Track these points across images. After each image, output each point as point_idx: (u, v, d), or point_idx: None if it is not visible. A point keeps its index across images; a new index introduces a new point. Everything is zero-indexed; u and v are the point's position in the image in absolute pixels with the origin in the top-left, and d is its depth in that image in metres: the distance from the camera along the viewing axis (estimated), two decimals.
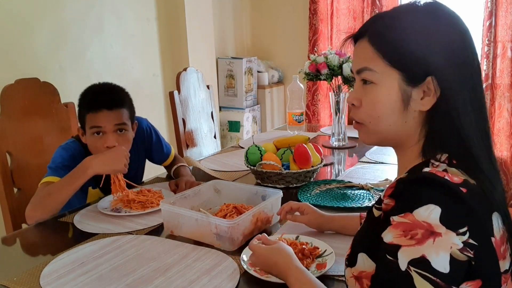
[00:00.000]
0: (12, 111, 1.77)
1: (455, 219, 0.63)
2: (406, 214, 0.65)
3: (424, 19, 0.72)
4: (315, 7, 3.57)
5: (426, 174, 0.68)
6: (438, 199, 0.64)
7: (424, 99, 0.72)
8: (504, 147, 3.08)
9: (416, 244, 0.63)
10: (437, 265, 0.62)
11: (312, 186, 1.55)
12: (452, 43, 0.71)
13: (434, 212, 0.63)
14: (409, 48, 0.71)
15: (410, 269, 0.63)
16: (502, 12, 2.92)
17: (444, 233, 0.62)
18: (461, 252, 0.63)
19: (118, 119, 1.46)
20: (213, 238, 1.15)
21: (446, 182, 0.66)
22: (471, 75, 0.72)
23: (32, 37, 2.29)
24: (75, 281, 1.01)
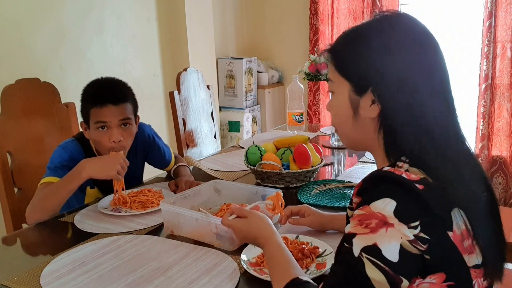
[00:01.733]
0: (13, 111, 1.77)
1: (408, 213, 0.68)
2: (364, 207, 0.71)
3: (374, 33, 0.79)
4: (315, 7, 3.57)
5: (385, 171, 0.73)
6: (393, 193, 0.69)
7: (371, 107, 0.78)
8: (504, 147, 3.08)
9: (370, 232, 0.68)
10: (387, 253, 0.66)
11: (312, 186, 1.56)
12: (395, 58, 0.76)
13: (389, 205, 0.68)
14: (354, 60, 0.79)
15: (362, 255, 0.68)
16: (502, 12, 2.92)
17: (396, 224, 0.67)
18: (411, 244, 0.67)
19: (122, 114, 1.46)
20: (213, 238, 1.15)
21: (402, 179, 0.70)
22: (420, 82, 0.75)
23: (33, 37, 2.29)
24: (75, 280, 1.01)
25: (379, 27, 0.80)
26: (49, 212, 1.38)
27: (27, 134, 1.81)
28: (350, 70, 0.80)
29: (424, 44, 0.78)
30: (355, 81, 0.80)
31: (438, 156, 0.73)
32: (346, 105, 0.82)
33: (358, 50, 0.79)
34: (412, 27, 0.79)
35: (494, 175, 3.13)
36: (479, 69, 3.03)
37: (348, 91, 0.81)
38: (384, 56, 0.76)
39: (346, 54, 0.81)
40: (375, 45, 0.77)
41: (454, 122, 0.78)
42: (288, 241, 1.11)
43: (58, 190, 1.38)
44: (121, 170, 1.37)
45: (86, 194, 1.56)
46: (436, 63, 0.78)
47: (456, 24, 3.23)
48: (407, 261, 0.67)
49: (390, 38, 0.77)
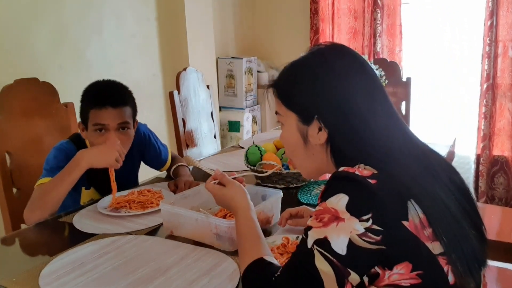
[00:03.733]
0: (12, 111, 1.77)
1: (360, 206, 0.72)
2: (321, 203, 0.76)
3: (311, 66, 0.87)
4: (316, 7, 3.56)
5: (340, 172, 0.79)
6: (346, 188, 0.74)
7: (319, 134, 0.85)
8: (505, 146, 3.07)
9: (322, 226, 0.74)
10: (336, 246, 0.71)
11: (312, 186, 1.55)
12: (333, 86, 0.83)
13: (342, 200, 0.73)
14: (297, 93, 0.87)
15: (314, 247, 0.73)
16: (503, 11, 2.91)
17: (347, 219, 0.72)
18: (361, 238, 0.71)
19: (121, 117, 1.45)
20: (213, 238, 1.14)
21: (354, 175, 0.75)
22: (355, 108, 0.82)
23: (32, 37, 2.29)
24: (75, 281, 1.00)
25: (315, 59, 0.87)
26: (49, 209, 1.37)
27: (26, 134, 1.80)
28: (294, 102, 0.87)
29: (357, 68, 0.86)
30: (300, 112, 0.86)
31: (386, 159, 0.78)
32: (296, 135, 0.88)
33: (299, 83, 0.86)
34: (343, 55, 0.88)
35: (495, 175, 3.12)
36: (480, 69, 3.03)
37: (296, 122, 0.87)
38: (324, 85, 0.83)
39: (289, 88, 0.88)
40: (314, 76, 0.84)
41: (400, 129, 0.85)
42: (288, 241, 1.10)
43: (57, 184, 1.36)
44: (119, 157, 1.37)
45: (81, 195, 1.56)
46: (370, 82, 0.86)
47: (457, 23, 3.22)
48: (355, 255, 0.71)
49: (326, 68, 0.84)
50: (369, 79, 0.86)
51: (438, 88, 3.27)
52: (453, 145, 2.06)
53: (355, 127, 0.82)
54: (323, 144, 0.85)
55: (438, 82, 3.26)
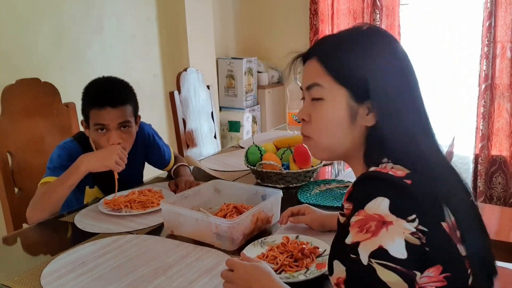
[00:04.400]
0: (13, 111, 1.77)
1: (403, 207, 0.67)
2: (359, 212, 0.69)
3: (367, 41, 0.79)
4: (315, 7, 3.57)
5: (371, 172, 0.74)
6: (384, 191, 0.69)
7: (369, 115, 0.78)
8: (504, 146, 3.08)
9: (372, 236, 0.67)
10: (394, 252, 0.65)
11: (312, 186, 1.56)
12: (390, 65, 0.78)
13: (383, 203, 0.67)
14: (355, 67, 0.77)
15: (371, 262, 0.66)
16: (502, 12, 2.92)
17: (395, 220, 0.66)
18: (414, 236, 0.66)
19: (121, 117, 1.45)
20: (213, 237, 1.15)
21: (389, 176, 0.71)
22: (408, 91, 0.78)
23: (33, 37, 2.29)
24: (76, 280, 1.01)
25: (378, 36, 0.80)
26: (49, 210, 1.38)
27: (27, 134, 1.81)
28: (349, 76, 0.78)
29: (404, 52, 0.81)
30: (355, 88, 0.78)
31: (418, 159, 0.75)
32: (342, 113, 0.79)
33: (356, 56, 0.77)
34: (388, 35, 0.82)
35: (494, 175, 3.13)
36: (479, 69, 3.03)
37: (346, 97, 0.78)
38: (382, 63, 0.77)
39: (343, 60, 0.78)
40: (373, 51, 0.77)
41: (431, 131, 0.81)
42: (288, 241, 1.11)
43: (57, 186, 1.38)
44: (119, 160, 1.38)
45: (85, 194, 1.57)
46: (412, 70, 0.81)
47: (456, 24, 3.23)
48: (415, 254, 0.66)
49: (390, 50, 0.79)
50: (416, 79, 0.81)
51: (436, 88, 3.28)
52: (452, 145, 2.07)
53: (402, 120, 0.76)
54: (367, 127, 0.79)
55: (437, 83, 3.27)
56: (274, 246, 1.09)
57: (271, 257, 1.04)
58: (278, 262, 1.02)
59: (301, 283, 0.97)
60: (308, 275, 0.98)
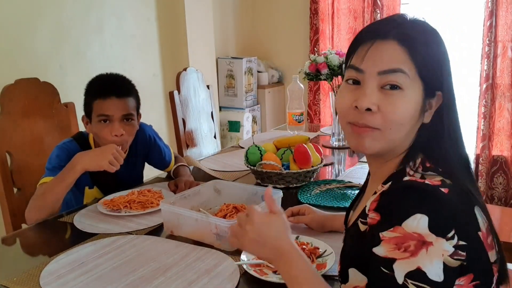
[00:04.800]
0: (12, 111, 1.77)
1: (442, 224, 0.64)
2: (395, 228, 0.65)
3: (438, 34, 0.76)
4: (315, 6, 3.57)
5: (407, 182, 0.69)
6: (423, 207, 0.64)
7: (428, 112, 0.75)
8: (505, 146, 3.08)
9: (411, 256, 0.64)
10: (432, 275, 0.63)
11: (312, 186, 1.55)
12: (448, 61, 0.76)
13: (422, 221, 0.64)
14: (434, 60, 0.73)
15: (407, 282, 0.64)
16: (503, 12, 2.91)
17: (434, 241, 0.63)
18: (452, 258, 0.64)
19: (125, 109, 1.46)
20: (213, 238, 1.15)
21: (427, 187, 0.67)
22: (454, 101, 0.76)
23: (32, 37, 2.29)
24: (75, 281, 1.01)
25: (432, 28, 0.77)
26: (47, 210, 1.38)
27: (26, 134, 1.80)
28: (429, 70, 0.73)
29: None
30: (430, 82, 0.73)
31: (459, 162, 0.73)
32: (417, 106, 0.73)
33: (437, 48, 0.74)
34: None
35: (495, 175, 3.13)
36: (479, 69, 3.03)
37: (421, 91, 0.73)
38: (448, 59, 0.76)
39: (427, 52, 0.73)
40: (444, 46, 0.76)
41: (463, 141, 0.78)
42: None
43: (54, 186, 1.38)
44: (113, 160, 1.36)
45: (84, 195, 1.56)
46: None
47: (457, 24, 3.22)
48: (451, 276, 0.64)
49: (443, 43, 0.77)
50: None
51: None
52: None
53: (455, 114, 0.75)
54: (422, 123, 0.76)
55: None
56: None
57: None
58: None
59: None
60: None
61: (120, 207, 1.40)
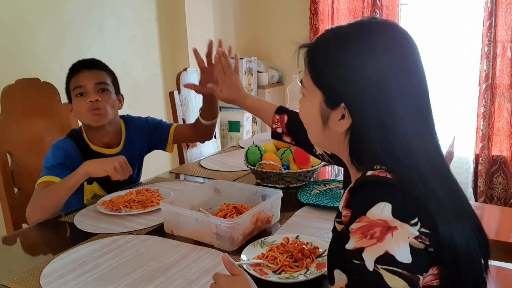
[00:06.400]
0: (13, 111, 1.77)
1: (406, 211, 0.67)
2: (361, 218, 0.68)
3: (353, 44, 0.74)
4: (315, 7, 3.57)
5: (369, 176, 0.72)
6: (386, 196, 0.68)
7: (341, 122, 0.76)
8: (504, 146, 3.08)
9: (377, 241, 0.66)
10: (400, 257, 0.65)
11: (312, 186, 1.56)
12: (371, 70, 0.72)
13: (386, 208, 0.66)
14: (329, 72, 0.75)
15: (378, 268, 0.65)
16: (502, 12, 2.92)
17: (399, 225, 0.66)
18: (417, 240, 0.65)
19: (97, 77, 1.55)
20: (213, 238, 1.15)
21: (388, 180, 0.70)
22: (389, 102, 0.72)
23: (33, 37, 2.29)
24: (75, 280, 1.01)
25: (358, 35, 0.75)
26: (49, 210, 1.38)
27: (27, 134, 1.81)
28: (325, 80, 0.76)
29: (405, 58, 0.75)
30: (328, 93, 0.76)
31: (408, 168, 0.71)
32: (315, 113, 0.79)
33: (334, 60, 0.75)
34: (392, 33, 0.76)
35: (494, 175, 3.13)
36: (479, 69, 3.03)
37: (320, 101, 0.78)
38: (361, 70, 0.72)
39: (324, 63, 0.76)
40: (353, 58, 0.73)
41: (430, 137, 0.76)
42: (288, 241, 1.11)
43: (57, 187, 1.40)
44: (118, 167, 1.38)
45: (84, 191, 1.57)
46: (413, 67, 0.76)
47: (456, 24, 3.22)
48: (419, 258, 0.66)
49: (366, 49, 0.73)
50: (416, 74, 0.76)
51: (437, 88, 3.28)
52: (452, 145, 2.07)
53: (383, 125, 0.72)
54: (344, 132, 0.77)
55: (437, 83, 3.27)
56: (274, 246, 1.09)
57: (271, 258, 1.04)
58: (278, 262, 1.02)
59: (301, 284, 0.97)
60: (308, 276, 0.98)
61: (120, 207, 1.40)
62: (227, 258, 0.86)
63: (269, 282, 0.96)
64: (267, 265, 1.02)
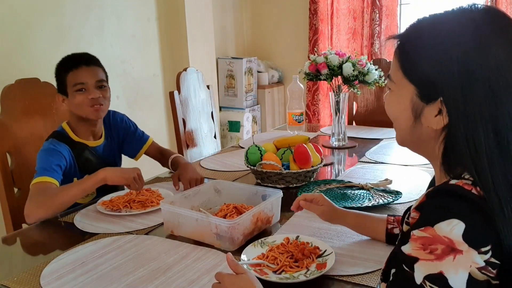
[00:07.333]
0: (13, 111, 1.77)
1: (479, 236, 0.61)
2: (426, 228, 0.63)
3: (455, 34, 0.67)
4: (315, 7, 3.57)
5: (452, 186, 0.65)
6: (462, 213, 0.61)
7: (437, 118, 0.69)
8: None
9: (435, 259, 0.61)
10: (454, 283, 0.60)
11: (312, 186, 1.55)
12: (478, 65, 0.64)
13: (457, 227, 0.61)
14: (425, 66, 0.69)
15: (425, 283, 0.61)
16: None
17: (465, 250, 0.60)
18: (481, 272, 0.60)
19: (97, 75, 1.57)
20: (213, 238, 1.15)
21: (472, 196, 0.63)
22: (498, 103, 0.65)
23: (33, 37, 2.29)
24: (75, 281, 1.01)
25: (465, 21, 0.68)
26: (55, 210, 1.38)
27: (27, 134, 1.80)
28: (419, 73, 0.70)
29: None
30: (422, 86, 0.70)
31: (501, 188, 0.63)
32: (406, 107, 0.72)
33: (433, 50, 0.67)
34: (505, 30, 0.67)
35: None
36: None
37: (412, 95, 0.71)
38: (466, 62, 0.65)
39: (417, 53, 0.70)
40: (457, 46, 0.66)
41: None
42: (288, 241, 1.11)
43: (69, 188, 1.39)
44: (137, 178, 1.41)
45: None
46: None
47: None
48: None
49: (473, 41, 0.65)
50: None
51: None
52: None
53: (487, 129, 0.64)
54: (438, 130, 0.70)
55: None
56: (274, 247, 1.09)
57: (271, 258, 1.04)
58: (279, 262, 1.02)
59: (301, 284, 0.97)
60: (308, 276, 0.98)
61: (120, 207, 1.40)
62: (231, 258, 0.84)
63: (269, 282, 0.96)
64: (267, 265, 1.02)
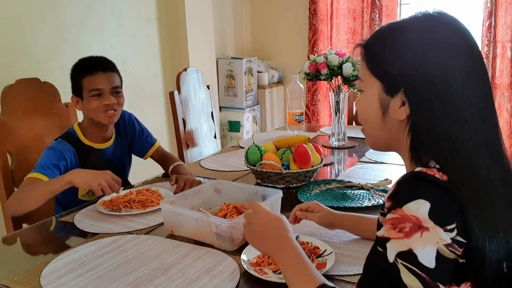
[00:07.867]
0: (13, 111, 1.77)
1: (444, 214, 0.65)
2: (396, 210, 0.67)
3: (413, 32, 0.75)
4: (315, 7, 3.57)
5: (417, 172, 0.70)
6: (427, 194, 0.66)
7: (401, 109, 0.75)
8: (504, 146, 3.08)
9: (404, 237, 0.65)
10: (423, 259, 0.63)
11: (312, 186, 1.56)
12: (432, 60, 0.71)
13: (423, 206, 0.65)
14: (388, 59, 0.76)
15: (397, 261, 0.64)
16: (502, 12, 2.92)
17: (431, 227, 0.64)
18: (447, 248, 0.63)
19: (113, 82, 1.59)
20: (213, 238, 1.15)
21: (435, 179, 0.67)
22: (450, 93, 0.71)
23: (33, 37, 2.29)
24: (76, 280, 1.01)
25: (418, 25, 0.76)
26: (25, 208, 1.41)
27: (27, 134, 1.81)
28: (383, 69, 0.77)
29: (465, 47, 0.75)
30: (386, 81, 0.77)
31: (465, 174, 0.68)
32: (375, 104, 0.79)
33: (393, 49, 0.75)
34: (453, 27, 0.78)
35: None
36: None
37: (379, 90, 0.78)
38: (421, 56, 0.72)
39: (380, 53, 0.78)
40: (413, 44, 0.73)
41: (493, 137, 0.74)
42: None
43: (39, 188, 1.40)
44: (104, 184, 1.33)
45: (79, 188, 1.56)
46: (477, 72, 0.74)
47: None
48: (444, 267, 0.63)
49: (430, 38, 0.73)
50: (477, 68, 0.74)
51: None
52: None
53: (443, 115, 0.70)
54: (403, 120, 0.76)
55: None
56: None
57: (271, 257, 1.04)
58: None
59: None
60: None
61: (120, 207, 1.40)
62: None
63: (269, 282, 0.96)
64: (267, 265, 1.02)
